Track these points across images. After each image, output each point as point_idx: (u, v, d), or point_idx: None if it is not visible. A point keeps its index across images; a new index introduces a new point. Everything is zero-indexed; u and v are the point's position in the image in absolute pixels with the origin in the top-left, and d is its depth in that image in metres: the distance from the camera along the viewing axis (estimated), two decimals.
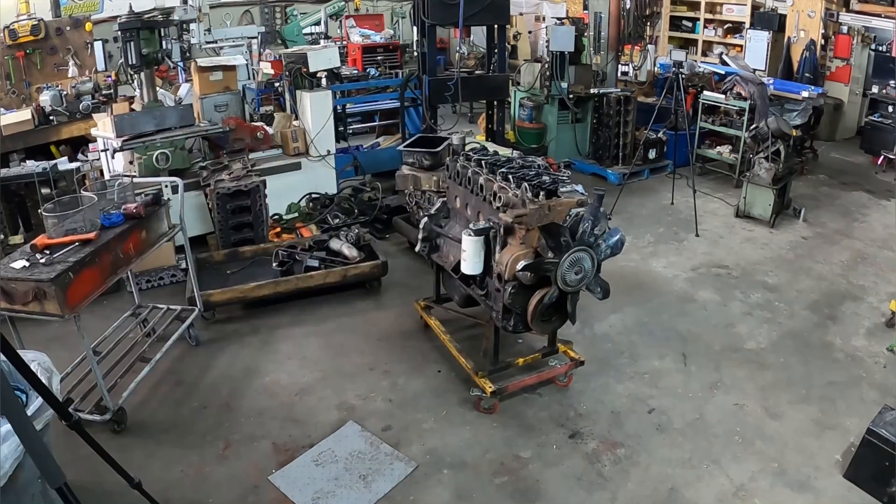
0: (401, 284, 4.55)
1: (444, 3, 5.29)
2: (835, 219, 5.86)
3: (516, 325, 3.04)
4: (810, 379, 3.57)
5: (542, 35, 9.03)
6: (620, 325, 4.08)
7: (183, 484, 2.81)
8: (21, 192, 4.30)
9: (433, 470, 2.90)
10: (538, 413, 3.27)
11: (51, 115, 5.19)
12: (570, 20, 7.25)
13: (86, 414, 3.00)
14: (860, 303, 4.40)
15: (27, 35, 5.77)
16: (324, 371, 3.59)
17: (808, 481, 2.85)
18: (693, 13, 10.02)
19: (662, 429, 3.18)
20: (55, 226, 2.88)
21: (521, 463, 2.95)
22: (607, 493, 2.79)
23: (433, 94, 5.73)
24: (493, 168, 3.22)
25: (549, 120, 7.11)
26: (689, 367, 3.67)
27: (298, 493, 2.74)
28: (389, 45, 8.23)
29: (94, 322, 3.68)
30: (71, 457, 2.47)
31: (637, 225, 5.65)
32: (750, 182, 5.71)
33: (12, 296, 2.67)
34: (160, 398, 3.38)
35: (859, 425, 3.06)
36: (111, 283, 3.12)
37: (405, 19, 9.97)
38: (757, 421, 3.24)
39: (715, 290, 4.55)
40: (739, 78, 6.72)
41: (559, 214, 2.90)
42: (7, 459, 1.95)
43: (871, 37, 8.15)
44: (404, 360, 3.69)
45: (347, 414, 3.26)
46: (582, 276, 2.91)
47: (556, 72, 6.80)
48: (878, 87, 7.89)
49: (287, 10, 9.84)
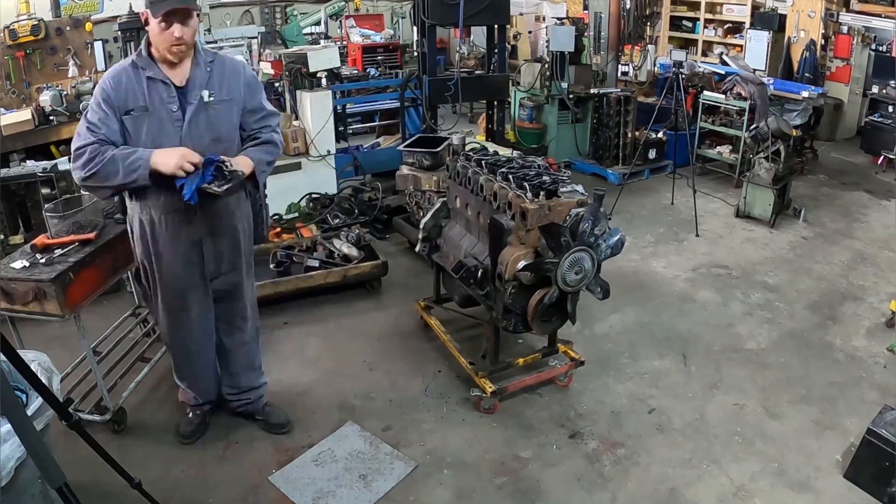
0: (401, 284, 4.55)
1: (444, 3, 5.28)
2: (835, 219, 5.86)
3: (516, 325, 3.04)
4: (810, 379, 3.57)
5: (542, 35, 9.02)
6: (620, 325, 4.08)
7: (183, 484, 2.81)
8: (21, 192, 4.30)
9: (433, 470, 2.90)
10: (538, 413, 3.27)
11: (51, 115, 5.18)
12: (570, 20, 7.24)
13: (86, 414, 3.01)
14: (860, 303, 4.40)
15: (27, 35, 5.76)
16: (324, 371, 3.59)
17: (808, 481, 2.85)
18: (693, 13, 10.01)
19: (662, 429, 3.18)
20: (57, 226, 2.88)
21: (522, 463, 2.95)
22: (607, 494, 2.79)
23: (433, 94, 5.72)
24: (493, 168, 3.22)
25: (549, 120, 7.10)
26: (690, 367, 3.67)
27: (298, 493, 2.74)
28: (389, 45, 8.22)
29: (94, 322, 3.67)
30: (71, 457, 2.46)
31: (637, 225, 5.65)
32: (750, 182, 5.71)
33: (12, 296, 2.67)
34: (160, 398, 3.38)
35: (859, 425, 3.06)
36: (111, 283, 3.12)
37: (405, 19, 9.96)
38: (757, 421, 3.24)
39: (715, 290, 4.55)
40: (739, 78, 6.72)
41: (559, 214, 2.90)
42: (9, 460, 1.95)
43: (871, 37, 8.14)
44: (404, 360, 3.69)
45: (347, 414, 3.26)
46: (582, 276, 2.91)
47: (556, 72, 6.80)
48: (878, 87, 7.88)
49: (287, 10, 9.84)
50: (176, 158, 2.36)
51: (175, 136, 2.46)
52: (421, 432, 3.13)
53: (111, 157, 2.36)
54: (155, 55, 2.45)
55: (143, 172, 2.38)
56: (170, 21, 2.34)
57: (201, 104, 2.50)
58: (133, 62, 2.46)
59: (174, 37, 2.36)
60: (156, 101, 2.45)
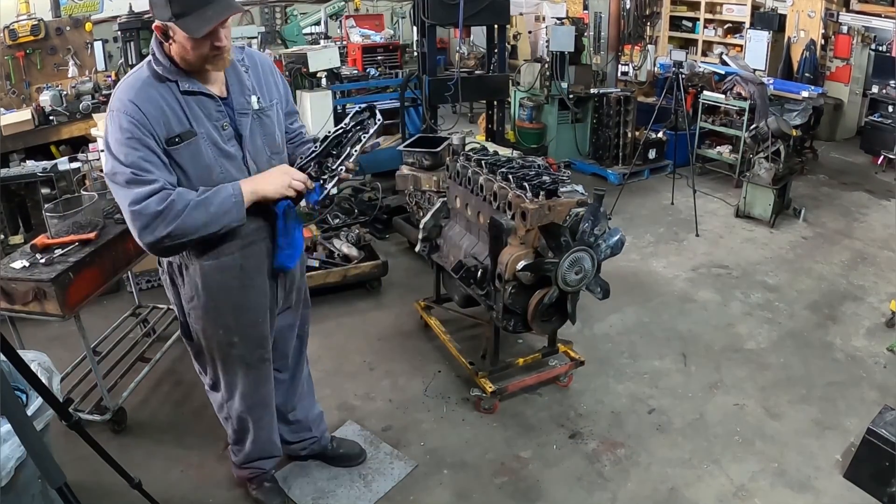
0: (401, 284, 4.55)
1: (444, 3, 5.29)
2: (835, 219, 5.86)
3: (516, 325, 3.04)
4: (810, 379, 3.57)
5: (542, 35, 9.03)
6: (620, 325, 4.08)
7: (183, 484, 2.81)
8: (21, 192, 4.30)
9: (433, 470, 2.90)
10: (538, 413, 3.27)
11: (51, 115, 5.18)
12: (570, 20, 7.24)
13: (86, 414, 3.01)
14: (860, 303, 4.40)
15: (27, 35, 5.77)
16: (324, 371, 3.59)
17: (808, 481, 2.85)
18: (693, 13, 10.01)
19: (662, 429, 3.18)
20: (57, 226, 2.88)
21: (522, 463, 2.95)
22: (607, 493, 2.79)
23: (433, 94, 5.72)
24: (493, 168, 3.22)
25: (549, 120, 7.10)
26: (689, 367, 3.67)
27: (298, 493, 2.74)
28: (389, 45, 8.21)
29: (94, 322, 3.67)
30: (71, 457, 2.46)
31: (637, 225, 5.65)
32: (750, 182, 5.71)
33: (12, 296, 2.67)
34: (160, 398, 3.38)
35: (859, 425, 3.06)
36: (111, 283, 3.12)
37: (405, 19, 9.96)
38: (757, 421, 3.24)
39: (715, 290, 4.55)
40: (739, 78, 6.72)
41: (559, 214, 2.90)
42: (9, 460, 1.95)
43: (871, 37, 8.14)
44: (404, 360, 3.69)
45: (347, 414, 3.26)
46: (582, 276, 2.91)
47: (556, 72, 6.80)
48: (878, 87, 7.87)
49: (287, 10, 9.84)
50: (279, 178, 2.00)
51: (236, 158, 2.01)
52: (421, 432, 3.13)
53: (188, 203, 1.85)
54: (181, 63, 1.90)
55: (239, 212, 1.93)
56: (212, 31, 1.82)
57: (253, 113, 2.05)
58: (154, 72, 1.89)
59: (214, 46, 1.85)
60: (202, 120, 1.93)
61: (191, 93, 1.92)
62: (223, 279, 2.13)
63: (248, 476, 2.68)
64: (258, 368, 2.36)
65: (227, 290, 2.15)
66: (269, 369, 2.41)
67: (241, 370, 2.32)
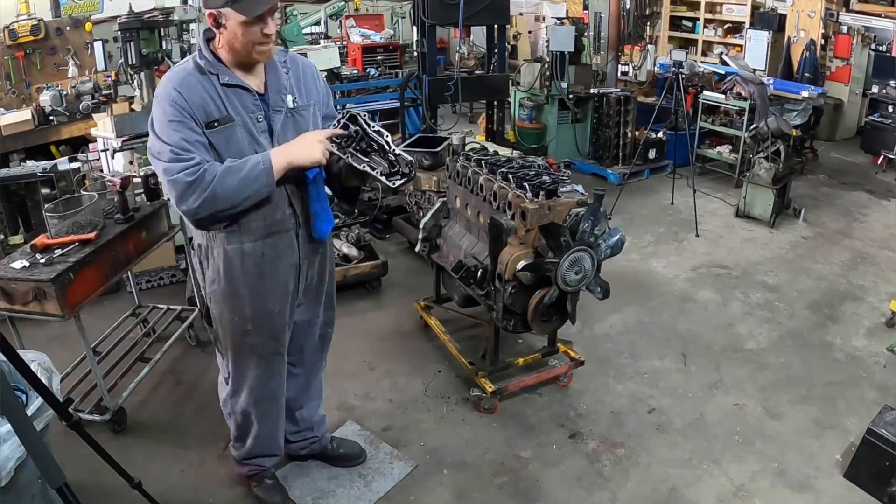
0: (401, 284, 4.55)
1: (444, 3, 5.28)
2: (835, 219, 5.86)
3: (516, 325, 3.04)
4: (810, 379, 3.57)
5: (542, 35, 9.03)
6: (620, 325, 4.08)
7: (183, 484, 2.81)
8: (21, 192, 4.30)
9: (433, 470, 2.90)
10: (538, 413, 3.28)
11: (51, 115, 5.18)
12: (570, 20, 7.25)
13: (86, 414, 3.00)
14: (860, 303, 4.40)
15: (27, 35, 5.76)
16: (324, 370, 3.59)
17: (808, 481, 2.85)
18: (693, 13, 10.02)
19: (662, 429, 3.18)
20: (57, 226, 2.88)
21: (522, 463, 2.95)
22: (607, 493, 2.79)
23: (433, 94, 5.72)
24: (493, 168, 3.22)
25: (549, 120, 7.11)
26: (689, 367, 3.67)
27: (298, 493, 2.74)
28: (389, 45, 8.22)
29: (94, 322, 3.68)
30: (71, 457, 2.46)
31: (637, 225, 5.65)
32: (750, 182, 5.71)
33: (12, 296, 2.67)
34: (160, 398, 3.38)
35: (859, 425, 3.06)
36: (111, 283, 3.12)
37: (405, 19, 9.96)
38: (757, 421, 3.24)
39: (715, 290, 4.55)
40: (739, 78, 6.72)
41: (559, 214, 2.90)
42: (9, 460, 1.95)
43: (871, 37, 8.15)
44: (404, 360, 3.69)
45: (347, 414, 3.26)
46: (582, 276, 2.91)
47: (556, 72, 6.80)
48: (878, 87, 7.89)
49: (287, 10, 9.81)
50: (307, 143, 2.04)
51: (266, 149, 2.10)
52: (421, 432, 3.13)
53: (220, 171, 1.96)
54: (225, 57, 2.05)
55: (269, 177, 2.00)
56: (263, 16, 1.99)
57: (287, 111, 2.15)
58: (197, 65, 2.04)
59: (263, 33, 2.01)
60: (239, 111, 2.06)
61: (230, 85, 2.05)
62: (243, 265, 2.20)
63: (248, 473, 2.70)
64: (270, 360, 2.40)
65: (246, 277, 2.21)
66: (281, 364, 2.45)
67: (253, 361, 2.37)
